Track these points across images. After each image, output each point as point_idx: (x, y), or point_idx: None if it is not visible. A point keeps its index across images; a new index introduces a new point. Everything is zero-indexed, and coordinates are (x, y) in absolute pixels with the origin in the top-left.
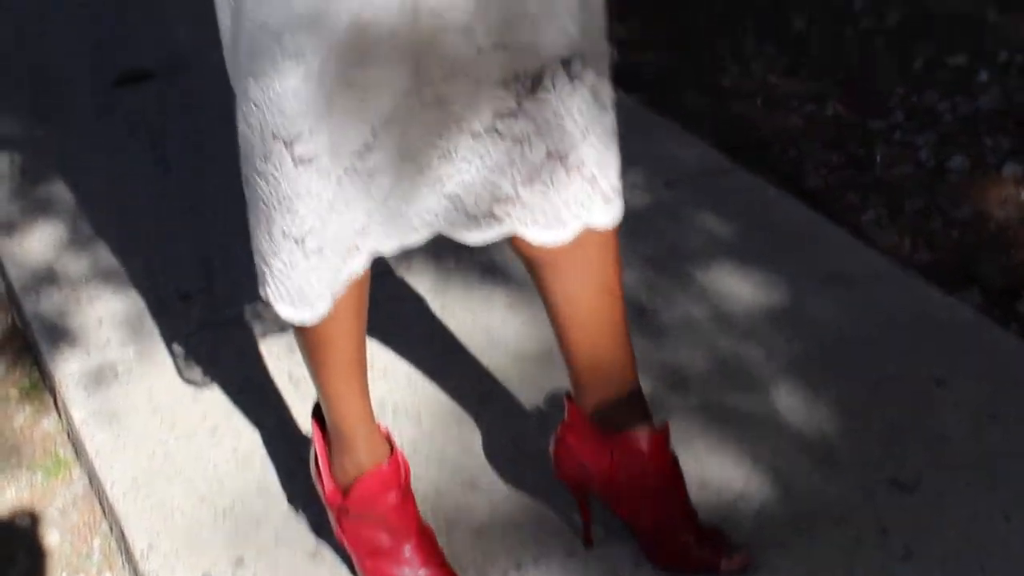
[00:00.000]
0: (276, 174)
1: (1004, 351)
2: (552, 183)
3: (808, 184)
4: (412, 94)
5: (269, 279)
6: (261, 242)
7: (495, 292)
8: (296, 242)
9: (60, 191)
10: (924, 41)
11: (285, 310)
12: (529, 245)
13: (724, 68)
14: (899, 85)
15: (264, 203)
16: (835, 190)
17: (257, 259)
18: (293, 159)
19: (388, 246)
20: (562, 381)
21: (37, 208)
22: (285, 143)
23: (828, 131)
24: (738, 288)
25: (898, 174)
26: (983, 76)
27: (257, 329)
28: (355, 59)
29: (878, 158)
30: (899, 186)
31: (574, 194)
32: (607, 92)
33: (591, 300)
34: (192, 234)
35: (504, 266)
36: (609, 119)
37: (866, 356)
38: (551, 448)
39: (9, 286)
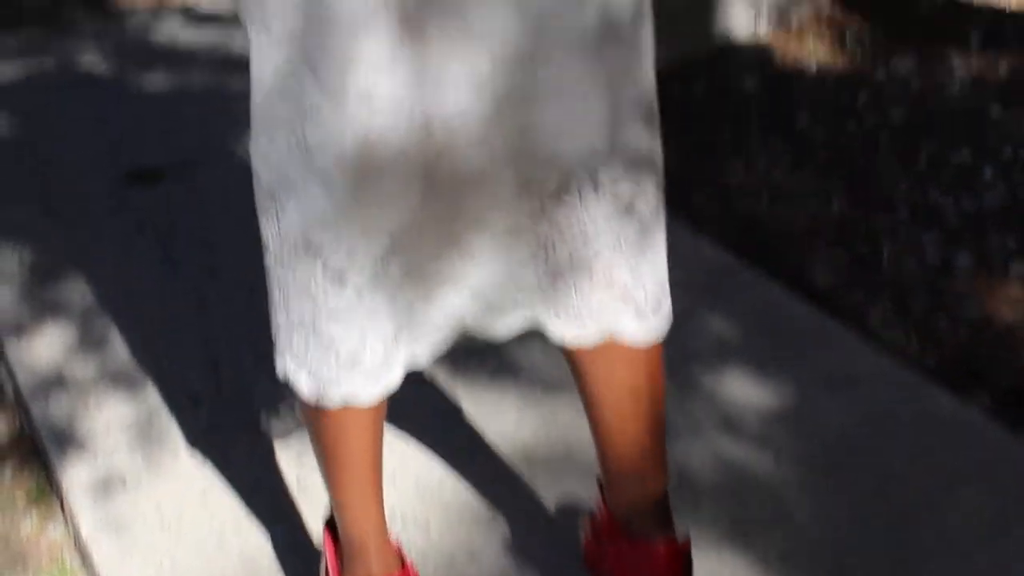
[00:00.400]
0: (292, 260)
1: (1012, 453)
2: (576, 287)
3: (815, 282)
4: (426, 205)
5: (288, 354)
6: (280, 320)
7: (505, 395)
8: (312, 327)
9: (68, 291)
10: (927, 137)
11: (303, 382)
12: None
13: (729, 165)
14: (903, 182)
15: (282, 286)
16: (841, 288)
17: (279, 335)
18: (306, 246)
19: (420, 352)
20: (574, 486)
21: (45, 309)
22: (299, 232)
23: (833, 228)
24: (746, 390)
25: (904, 272)
26: (987, 173)
27: (275, 428)
28: (363, 178)
29: (884, 256)
30: (905, 284)
31: (599, 300)
32: (648, 203)
33: (615, 408)
34: (200, 335)
35: (514, 368)
36: (648, 231)
37: (874, 459)
38: (582, 532)
39: (17, 389)
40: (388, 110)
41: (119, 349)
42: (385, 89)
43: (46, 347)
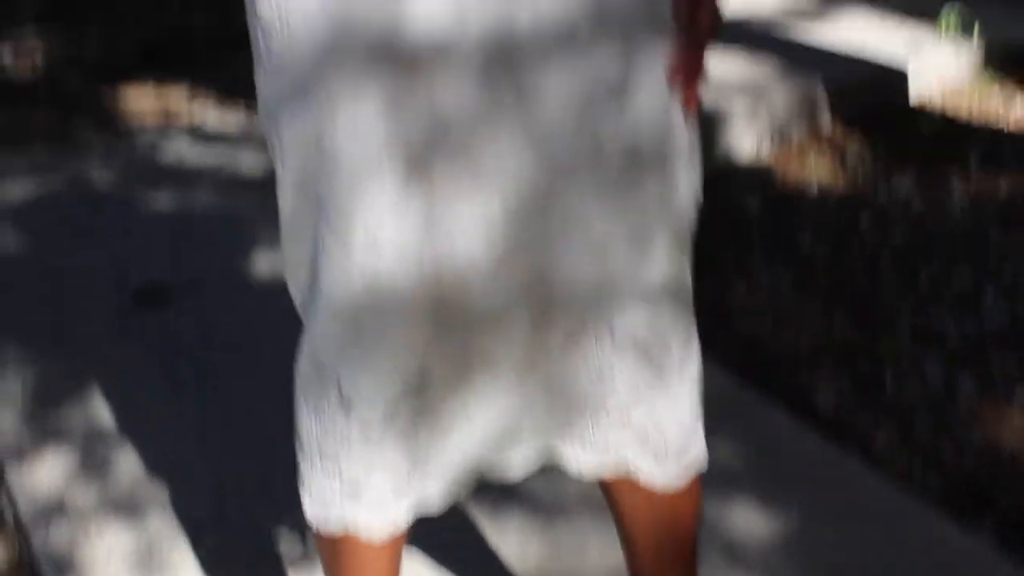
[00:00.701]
0: (307, 379)
1: None
2: (593, 421)
3: (818, 406)
4: (437, 347)
5: (299, 474)
6: (295, 440)
7: (507, 523)
8: (318, 451)
9: (72, 416)
10: (928, 258)
11: (307, 504)
12: None
13: (731, 286)
14: (905, 303)
15: (298, 405)
16: (844, 412)
17: (297, 455)
18: (319, 369)
19: (432, 491)
20: None
21: (47, 434)
22: (313, 353)
23: (836, 350)
24: (748, 518)
25: (907, 396)
26: (989, 295)
27: (282, 555)
28: (370, 319)
29: (887, 379)
30: (909, 408)
31: (616, 437)
32: (667, 347)
33: (639, 540)
34: (204, 460)
35: (516, 496)
36: (667, 375)
37: None
38: None
39: (17, 516)
40: (395, 255)
41: (121, 475)
42: (391, 234)
43: (48, 473)
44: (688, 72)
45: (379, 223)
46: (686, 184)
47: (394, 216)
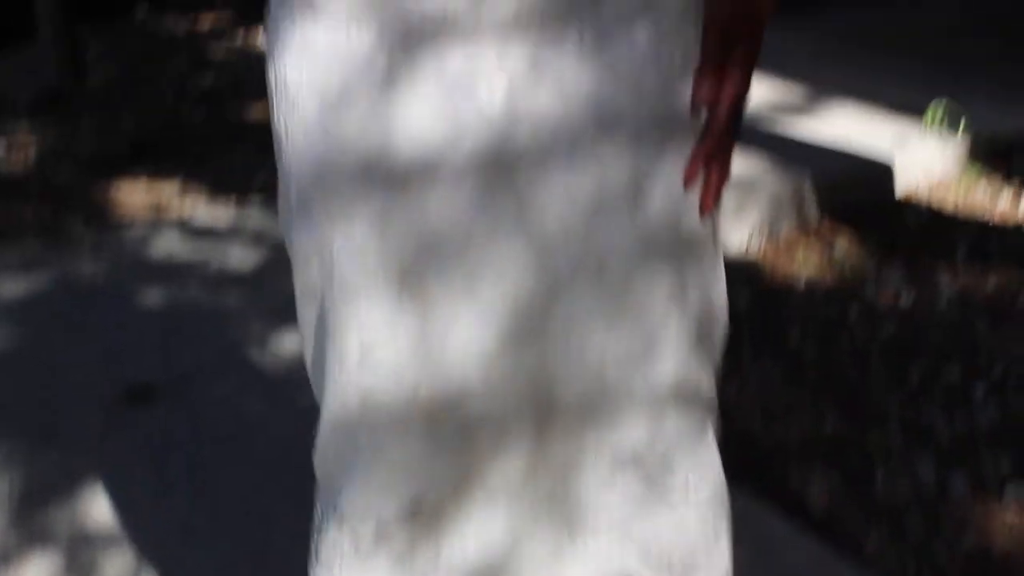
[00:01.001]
0: (317, 471)
1: None
2: (592, 532)
3: (809, 505)
4: (429, 463)
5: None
6: None
7: None
8: (316, 555)
9: (58, 517)
10: (917, 354)
11: None
12: None
13: (721, 381)
14: (894, 399)
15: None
16: (836, 511)
17: None
18: (323, 469)
19: None
20: None
21: (34, 535)
22: (320, 446)
23: (826, 447)
24: None
25: (899, 495)
26: (978, 391)
27: None
28: (363, 438)
29: (877, 476)
30: (900, 508)
31: (618, 551)
32: (673, 470)
33: None
34: (194, 557)
35: None
36: (670, 495)
37: None
38: None
39: None
40: (388, 373)
41: None
42: (386, 354)
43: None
44: (707, 174)
45: (373, 341)
46: (703, 286)
47: (387, 334)
